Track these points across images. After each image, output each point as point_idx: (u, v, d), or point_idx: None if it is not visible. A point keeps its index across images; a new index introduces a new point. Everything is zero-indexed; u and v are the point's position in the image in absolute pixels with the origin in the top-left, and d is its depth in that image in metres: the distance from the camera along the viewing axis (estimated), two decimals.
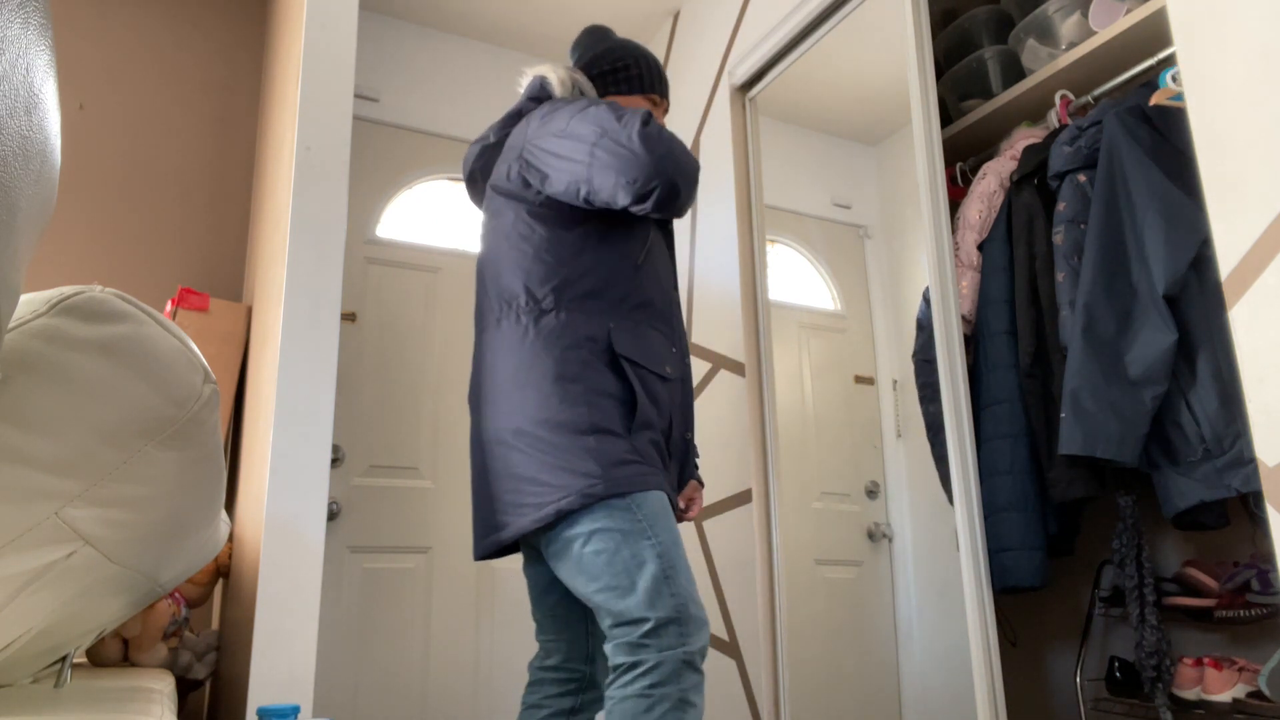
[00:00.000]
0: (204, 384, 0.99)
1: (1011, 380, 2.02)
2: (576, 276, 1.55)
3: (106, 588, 1.03)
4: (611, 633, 1.39)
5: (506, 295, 1.57)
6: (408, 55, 2.95)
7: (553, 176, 1.52)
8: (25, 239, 0.65)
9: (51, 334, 0.87)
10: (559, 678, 1.60)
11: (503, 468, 1.47)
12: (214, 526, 1.25)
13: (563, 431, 1.43)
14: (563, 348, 1.50)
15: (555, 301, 1.53)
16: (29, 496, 0.86)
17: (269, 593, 1.64)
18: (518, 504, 1.44)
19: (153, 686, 1.28)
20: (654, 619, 1.35)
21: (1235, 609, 1.76)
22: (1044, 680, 2.30)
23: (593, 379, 1.48)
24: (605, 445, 1.43)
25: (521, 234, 1.58)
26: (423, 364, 2.73)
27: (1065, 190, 1.93)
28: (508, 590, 2.69)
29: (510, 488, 1.46)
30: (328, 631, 2.41)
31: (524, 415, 1.46)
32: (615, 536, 1.39)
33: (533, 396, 1.47)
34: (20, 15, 0.56)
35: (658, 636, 1.35)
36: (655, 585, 1.37)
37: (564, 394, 1.46)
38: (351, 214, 2.74)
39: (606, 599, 1.38)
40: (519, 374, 1.50)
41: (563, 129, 1.52)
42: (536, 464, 1.43)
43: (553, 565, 1.47)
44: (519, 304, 1.55)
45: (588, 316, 1.53)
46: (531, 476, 1.43)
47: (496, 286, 1.59)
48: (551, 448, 1.43)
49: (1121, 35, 1.94)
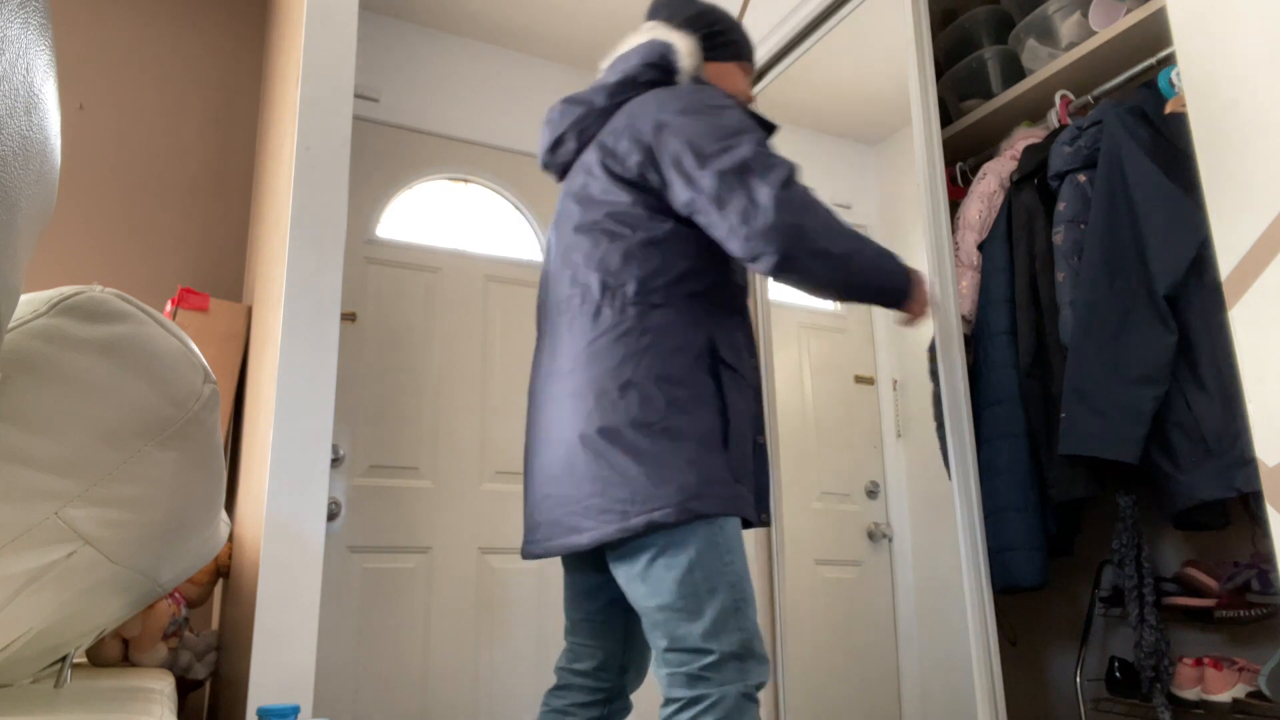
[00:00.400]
0: (204, 384, 0.99)
1: (1011, 380, 2.02)
2: (688, 274, 1.45)
3: (106, 588, 1.03)
4: (666, 657, 1.32)
5: (609, 282, 1.44)
6: (408, 55, 2.95)
7: (674, 189, 1.43)
8: (25, 239, 0.65)
9: (51, 334, 0.87)
10: (589, 685, 1.53)
11: (586, 469, 1.37)
12: (214, 526, 1.25)
13: (663, 438, 1.34)
14: (669, 348, 1.40)
15: (665, 297, 1.43)
16: (29, 496, 0.86)
17: (269, 593, 1.64)
18: (602, 509, 1.34)
19: (153, 686, 1.28)
20: (718, 652, 1.29)
21: (1235, 609, 1.76)
22: (1044, 680, 2.30)
23: (697, 385, 1.39)
24: (704, 458, 1.35)
25: (633, 220, 1.46)
26: (423, 364, 2.73)
27: (1065, 190, 1.93)
28: (508, 590, 2.69)
29: (594, 491, 1.36)
30: (328, 631, 2.41)
31: (619, 415, 1.36)
32: (692, 557, 1.31)
33: (633, 397, 1.37)
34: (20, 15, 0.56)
35: (718, 670, 1.28)
36: (723, 616, 1.30)
37: (669, 398, 1.37)
38: (351, 214, 2.74)
39: (668, 619, 1.31)
40: (618, 370, 1.38)
41: (699, 146, 1.40)
42: (629, 469, 1.33)
43: (614, 568, 1.39)
44: (624, 294, 1.43)
45: (694, 318, 1.44)
46: (621, 481, 1.33)
47: (595, 270, 1.46)
48: (648, 454, 1.34)
49: (1121, 35, 1.94)
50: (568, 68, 3.25)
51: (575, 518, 1.38)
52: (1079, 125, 1.96)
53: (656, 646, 1.34)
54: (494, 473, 2.76)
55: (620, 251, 1.45)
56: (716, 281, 1.47)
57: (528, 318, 2.95)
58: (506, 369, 2.86)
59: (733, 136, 1.41)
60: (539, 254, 3.05)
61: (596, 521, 1.35)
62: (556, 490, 1.42)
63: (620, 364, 1.39)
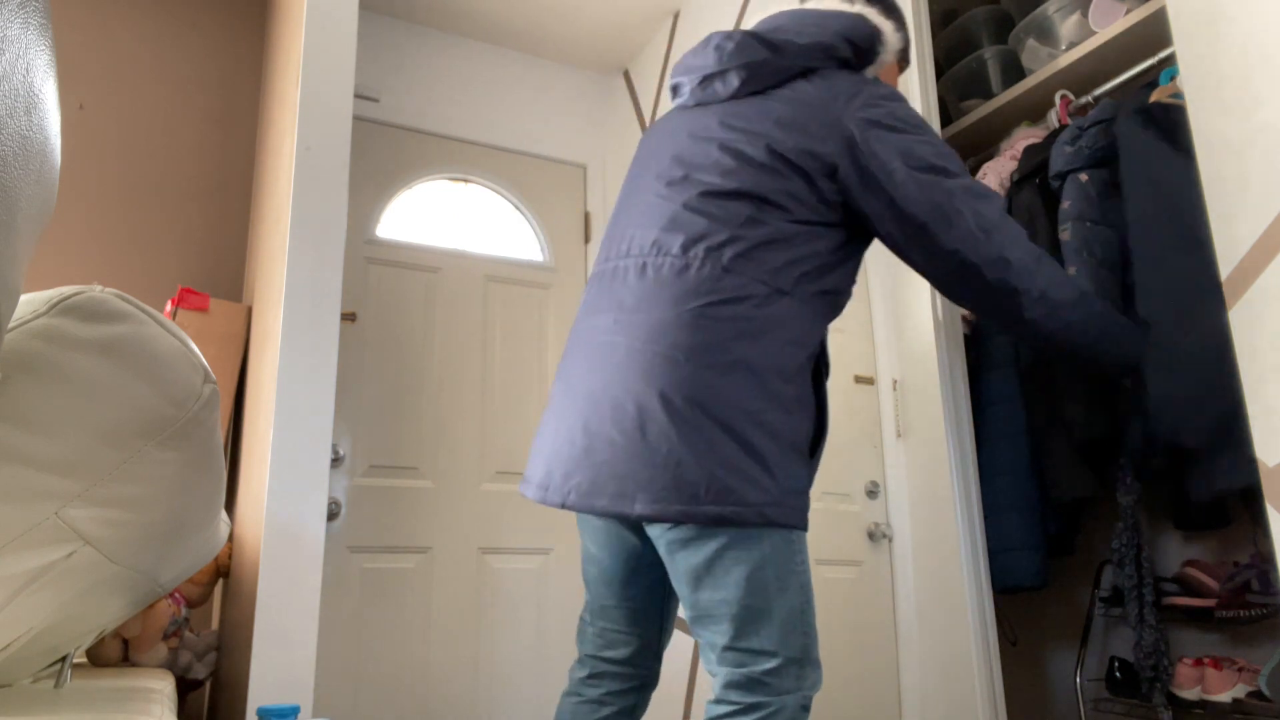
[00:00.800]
0: (204, 384, 0.99)
1: (1012, 380, 2.02)
2: (822, 272, 1.35)
3: (106, 588, 1.03)
4: (724, 655, 1.24)
5: (744, 253, 1.31)
6: (408, 55, 2.95)
7: (866, 195, 1.33)
8: (25, 239, 0.65)
9: (51, 334, 0.87)
10: (624, 673, 1.43)
11: (659, 436, 1.23)
12: (214, 526, 1.25)
13: (757, 431, 1.23)
14: (786, 340, 1.29)
15: (794, 287, 1.31)
16: (29, 496, 0.86)
17: (269, 593, 1.64)
18: (668, 484, 1.21)
19: (153, 686, 1.28)
20: (782, 657, 1.22)
21: (1235, 609, 1.76)
22: (1044, 680, 2.30)
23: (802, 386, 1.30)
24: (792, 464, 1.26)
25: (791, 203, 1.33)
26: (423, 364, 2.73)
27: (1069, 189, 1.93)
28: (507, 590, 2.69)
29: (662, 462, 1.22)
30: (328, 631, 2.41)
31: (716, 393, 1.23)
32: (765, 553, 1.23)
33: (739, 379, 1.24)
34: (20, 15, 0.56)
35: (778, 677, 1.22)
36: (791, 619, 1.23)
37: (774, 392, 1.26)
38: (351, 214, 2.74)
39: (733, 616, 1.23)
40: (729, 345, 1.25)
41: (924, 160, 1.32)
42: (711, 452, 1.21)
43: (669, 551, 1.28)
44: (759, 271, 1.30)
45: (814, 317, 1.34)
46: (698, 462, 1.21)
47: (728, 237, 1.32)
48: (737, 443, 1.22)
49: (1121, 35, 1.94)
50: (568, 68, 3.25)
51: (629, 483, 1.24)
52: (1080, 125, 1.96)
53: (712, 642, 1.25)
54: (494, 473, 2.76)
55: (768, 228, 1.32)
56: (839, 289, 1.39)
57: (528, 318, 2.95)
58: (506, 369, 2.86)
59: (950, 160, 1.34)
60: (539, 254, 3.04)
61: (656, 496, 1.22)
62: (611, 448, 1.27)
63: (733, 340, 1.26)
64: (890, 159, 1.31)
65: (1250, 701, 1.71)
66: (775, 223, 1.32)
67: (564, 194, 3.14)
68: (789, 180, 1.33)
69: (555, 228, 3.09)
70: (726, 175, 1.35)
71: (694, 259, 1.31)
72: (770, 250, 1.31)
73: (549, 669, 2.69)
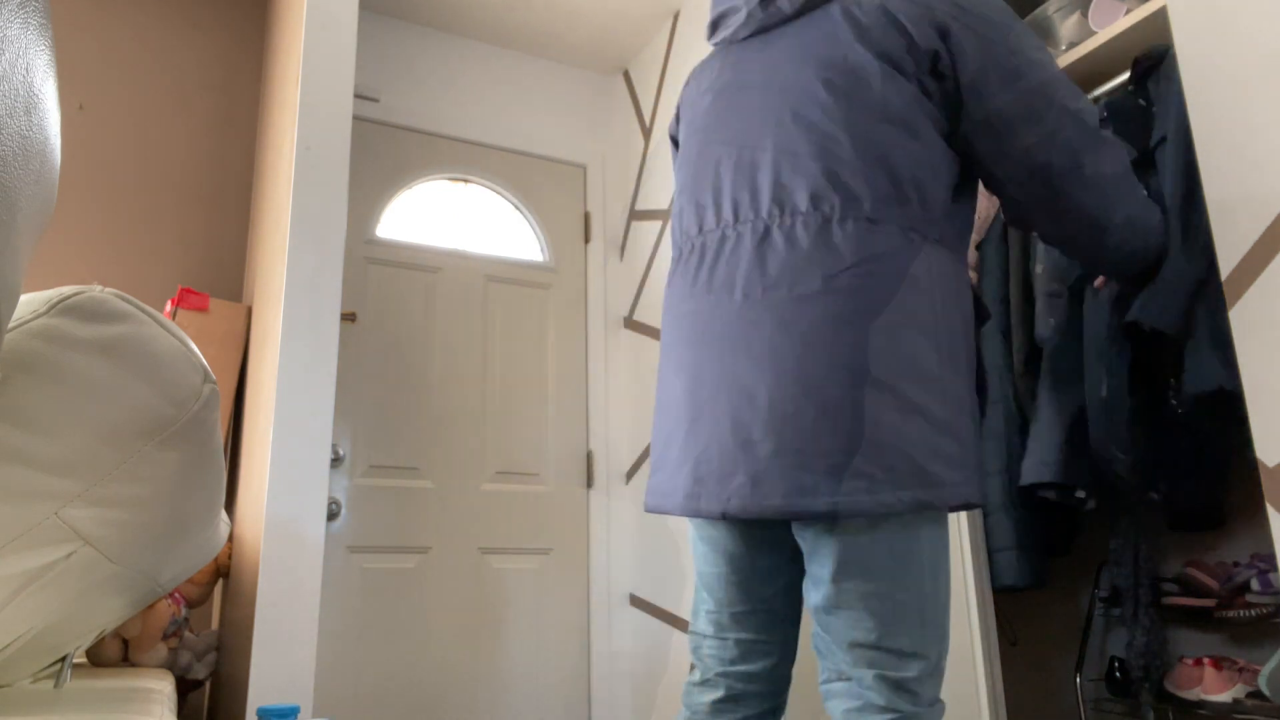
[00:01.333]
0: (204, 384, 0.99)
1: (1005, 379, 2.03)
2: (961, 204, 1.20)
3: (106, 588, 1.03)
4: (866, 654, 1.09)
5: (882, 194, 1.13)
6: (408, 55, 2.95)
7: (977, 93, 1.16)
8: (25, 239, 0.65)
9: (51, 334, 0.87)
10: (762, 690, 1.24)
11: (837, 417, 1.07)
12: (214, 526, 1.25)
13: (945, 402, 1.09)
14: (947, 293, 1.13)
15: (941, 231, 1.15)
16: (29, 496, 0.86)
17: (269, 593, 1.64)
18: (854, 471, 1.05)
19: (153, 686, 1.28)
20: (927, 663, 1.09)
21: (1235, 609, 1.76)
22: (1044, 680, 2.30)
23: (968, 344, 1.15)
24: (971, 435, 1.10)
25: (914, 124, 1.15)
26: (423, 364, 2.73)
27: None
28: (508, 590, 2.69)
29: (844, 446, 1.06)
30: (328, 631, 2.42)
31: (889, 363, 1.08)
32: (924, 545, 1.10)
33: (914, 340, 1.09)
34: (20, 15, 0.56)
35: (922, 685, 1.08)
36: (936, 619, 1.10)
37: (952, 352, 1.11)
38: (351, 214, 2.74)
39: (883, 610, 1.08)
40: (895, 308, 1.09)
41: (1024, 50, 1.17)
42: (899, 430, 1.06)
43: (816, 542, 1.12)
44: (904, 215, 1.13)
45: (957, 262, 1.17)
46: (885, 444, 1.05)
47: (859, 177, 1.13)
48: (925, 416, 1.07)
49: (1121, 35, 1.93)
50: (568, 68, 3.25)
51: (807, 474, 1.07)
52: None
53: (850, 639, 1.10)
54: (494, 473, 2.76)
55: (897, 160, 1.14)
56: (967, 229, 1.22)
57: (528, 318, 2.95)
58: (506, 369, 2.86)
59: (1044, 53, 1.20)
60: (539, 254, 3.04)
61: (839, 485, 1.06)
62: (776, 436, 1.09)
63: (899, 300, 1.10)
64: (996, 48, 1.17)
65: (1250, 701, 1.71)
66: (906, 153, 1.15)
67: (564, 194, 3.14)
68: (906, 99, 1.16)
69: (555, 228, 3.09)
70: (833, 97, 1.17)
71: (831, 214, 1.13)
72: (909, 187, 1.14)
73: (548, 669, 2.69)
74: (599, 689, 2.73)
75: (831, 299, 1.10)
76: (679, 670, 2.55)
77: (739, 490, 1.11)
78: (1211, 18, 1.39)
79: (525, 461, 2.81)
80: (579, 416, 2.95)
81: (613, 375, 3.03)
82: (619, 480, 2.93)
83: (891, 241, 1.12)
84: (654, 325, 2.89)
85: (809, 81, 1.19)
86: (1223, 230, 1.34)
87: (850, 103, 1.16)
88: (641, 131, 3.11)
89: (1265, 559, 1.76)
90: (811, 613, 1.15)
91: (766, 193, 1.18)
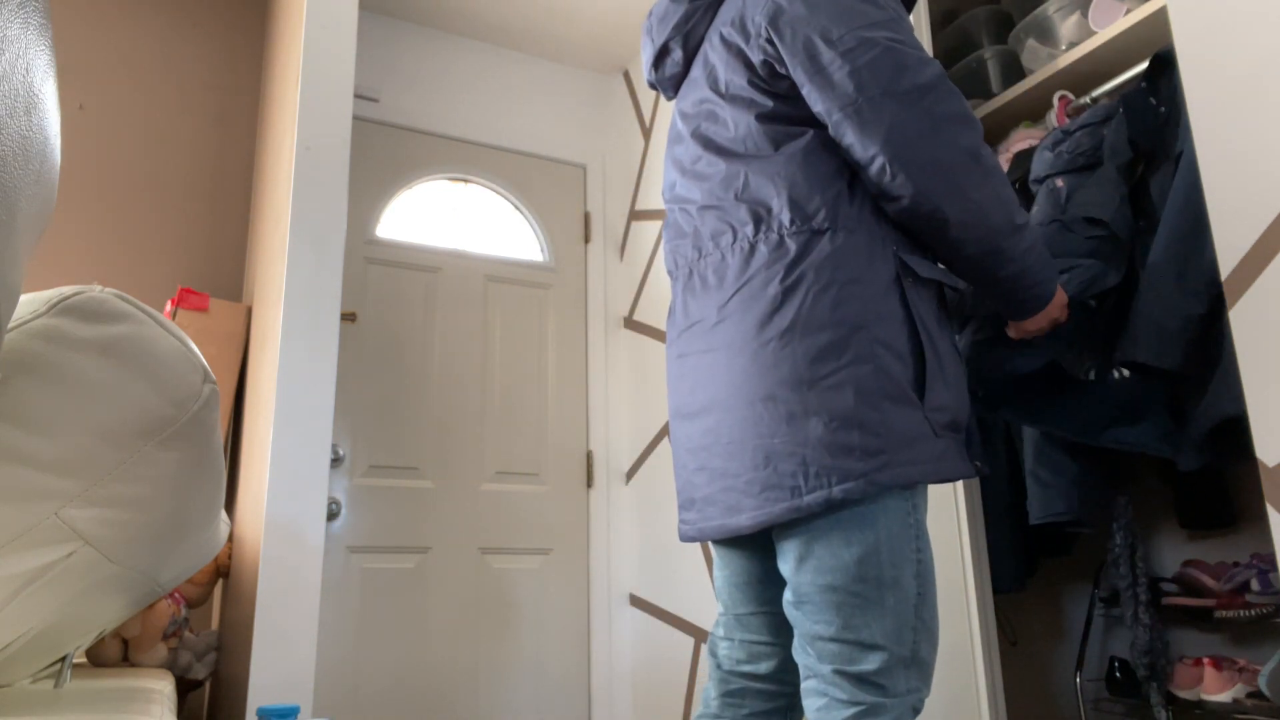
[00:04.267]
0: (204, 384, 0.99)
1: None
2: (855, 188, 1.22)
3: (106, 588, 1.03)
4: (827, 647, 1.11)
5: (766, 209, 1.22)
6: (408, 55, 2.95)
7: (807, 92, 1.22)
8: (25, 239, 0.65)
9: (51, 334, 0.87)
10: (770, 690, 1.27)
11: (744, 437, 1.16)
12: (214, 526, 1.25)
13: (838, 394, 1.11)
14: (843, 281, 1.16)
15: (830, 219, 1.19)
16: (29, 496, 0.86)
17: (269, 593, 1.64)
18: (766, 484, 1.13)
19: (153, 686, 1.28)
20: (891, 654, 1.09)
21: (1235, 609, 1.76)
22: (1044, 680, 2.30)
23: (882, 321, 1.16)
24: (894, 414, 1.12)
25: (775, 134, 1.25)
26: (423, 364, 2.73)
27: (1040, 197, 1.88)
28: (508, 590, 2.69)
29: (754, 463, 1.15)
30: (328, 631, 2.42)
31: (778, 372, 1.14)
32: (879, 535, 1.11)
33: (796, 347, 1.14)
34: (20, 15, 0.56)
35: (888, 677, 1.08)
36: (903, 611, 1.10)
37: (841, 344, 1.13)
38: (351, 214, 2.74)
39: (839, 604, 1.10)
40: (777, 316, 1.16)
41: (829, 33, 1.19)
42: (796, 436, 1.11)
43: (781, 547, 1.17)
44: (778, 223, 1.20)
45: (869, 239, 1.19)
46: (788, 451, 1.12)
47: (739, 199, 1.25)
48: (820, 415, 1.11)
49: (1121, 35, 1.93)
50: (567, 68, 3.25)
51: (734, 494, 1.17)
52: (1065, 130, 1.93)
53: (816, 637, 1.12)
54: (494, 473, 2.76)
55: (769, 171, 1.22)
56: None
57: (528, 318, 2.95)
58: (506, 369, 2.86)
59: (871, 27, 1.17)
60: (539, 254, 3.05)
61: (759, 500, 1.14)
62: (710, 463, 1.21)
63: (780, 309, 1.15)
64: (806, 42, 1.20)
65: (1250, 701, 1.71)
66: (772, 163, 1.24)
67: (564, 194, 3.14)
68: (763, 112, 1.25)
69: (555, 228, 3.09)
70: (711, 130, 1.31)
71: (720, 240, 1.28)
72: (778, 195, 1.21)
73: (548, 669, 2.69)
74: (599, 689, 2.73)
75: (734, 321, 1.21)
76: (679, 670, 2.55)
77: (692, 518, 1.27)
78: (1211, 18, 1.39)
79: (525, 461, 2.81)
80: (579, 416, 2.95)
81: (613, 375, 3.03)
82: (619, 480, 2.93)
83: (769, 253, 1.19)
84: (654, 325, 2.89)
85: (691, 125, 1.36)
86: (1223, 230, 1.34)
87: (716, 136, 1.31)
88: (641, 131, 3.11)
89: (1265, 559, 1.76)
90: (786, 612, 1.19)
91: (709, 224, 1.29)
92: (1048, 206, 1.85)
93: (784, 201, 1.19)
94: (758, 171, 1.23)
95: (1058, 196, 1.85)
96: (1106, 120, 1.91)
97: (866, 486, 1.09)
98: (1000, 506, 1.98)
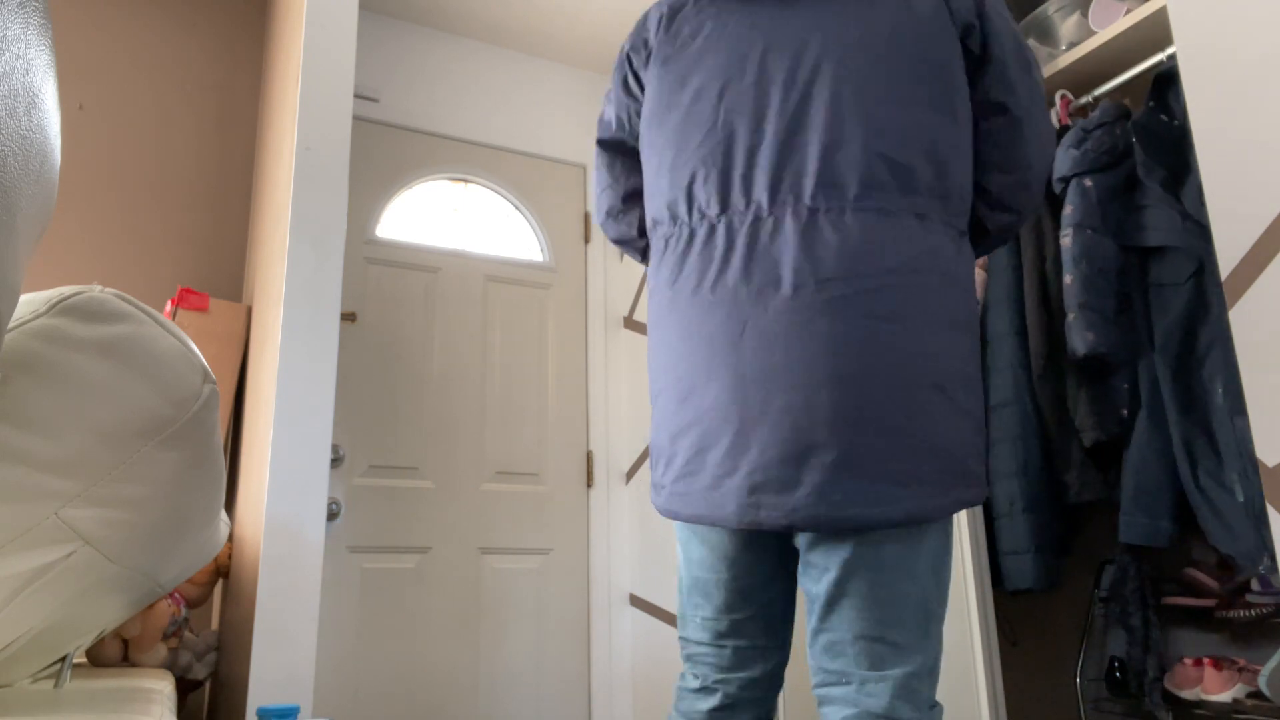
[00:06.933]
0: (204, 384, 0.99)
1: (1020, 381, 2.01)
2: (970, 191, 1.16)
3: (106, 588, 1.02)
4: (872, 648, 1.06)
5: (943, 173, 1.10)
6: (408, 55, 2.95)
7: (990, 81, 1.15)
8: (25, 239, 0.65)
9: (51, 334, 0.87)
10: (757, 697, 1.21)
11: (897, 425, 1.04)
12: (214, 526, 1.25)
13: (979, 400, 1.09)
14: (968, 285, 1.11)
15: (964, 224, 1.14)
16: (29, 496, 0.86)
17: (269, 593, 1.64)
18: (915, 476, 1.03)
19: (153, 687, 1.28)
20: (926, 656, 1.07)
21: (1235, 609, 1.76)
22: (1044, 680, 2.30)
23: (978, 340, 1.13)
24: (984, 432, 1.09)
25: (961, 97, 1.14)
26: (423, 364, 2.73)
27: (1072, 194, 1.91)
28: (507, 590, 2.69)
29: (905, 450, 1.04)
30: (328, 631, 2.41)
31: (946, 365, 1.06)
32: (930, 542, 1.09)
33: (959, 342, 1.07)
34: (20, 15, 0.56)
35: (922, 681, 1.06)
36: (936, 616, 1.09)
37: (977, 349, 1.10)
38: (351, 214, 2.74)
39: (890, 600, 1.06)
40: (951, 302, 1.08)
41: (1024, 45, 1.18)
42: (949, 432, 1.05)
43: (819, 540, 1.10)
44: (954, 197, 1.11)
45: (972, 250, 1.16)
46: (934, 447, 1.04)
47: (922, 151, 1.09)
48: (968, 418, 1.07)
49: (1121, 35, 1.94)
50: (568, 68, 3.25)
51: (879, 482, 1.03)
52: (1085, 128, 1.95)
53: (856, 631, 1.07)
54: (494, 473, 2.76)
55: (952, 136, 1.10)
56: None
57: (528, 318, 2.95)
58: (506, 369, 2.86)
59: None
60: (539, 254, 3.04)
61: (907, 491, 1.03)
62: (840, 443, 1.04)
63: (948, 300, 1.08)
64: (1011, 38, 1.17)
65: (1250, 701, 1.71)
66: (956, 129, 1.12)
67: (564, 194, 3.14)
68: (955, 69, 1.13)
69: (555, 228, 3.09)
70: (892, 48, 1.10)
71: (882, 206, 1.07)
72: (956, 166, 1.12)
73: (548, 669, 2.69)
74: (599, 689, 2.73)
75: (887, 296, 1.05)
76: (679, 670, 2.55)
77: (804, 501, 1.05)
78: (1211, 18, 1.39)
79: (525, 461, 2.81)
80: (579, 416, 2.95)
81: (613, 375, 3.03)
82: (619, 480, 2.93)
83: (938, 237, 1.09)
84: None
85: (857, 56, 1.10)
86: (1223, 230, 1.34)
87: (903, 84, 1.09)
88: None
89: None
90: (811, 608, 1.11)
91: (811, 176, 1.08)
92: (1082, 208, 1.88)
93: (960, 174, 1.16)
94: (946, 130, 1.18)
95: (1090, 196, 1.88)
96: (1120, 119, 1.92)
97: (983, 492, 1.10)
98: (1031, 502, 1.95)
